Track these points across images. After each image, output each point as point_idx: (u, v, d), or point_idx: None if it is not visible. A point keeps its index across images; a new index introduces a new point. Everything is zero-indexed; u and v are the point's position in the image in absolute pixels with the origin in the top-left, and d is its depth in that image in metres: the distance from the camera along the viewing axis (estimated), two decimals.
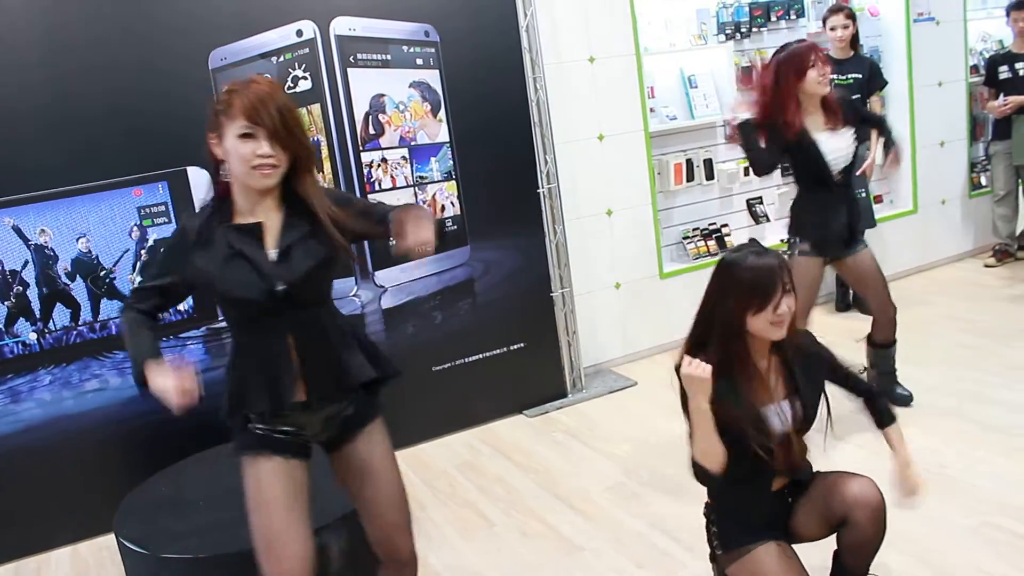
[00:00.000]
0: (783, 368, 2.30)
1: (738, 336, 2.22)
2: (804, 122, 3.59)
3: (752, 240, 2.31)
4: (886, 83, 5.59)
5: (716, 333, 2.23)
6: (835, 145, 3.64)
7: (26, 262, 3.65)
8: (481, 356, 4.54)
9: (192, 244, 2.08)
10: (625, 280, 5.22)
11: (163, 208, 3.80)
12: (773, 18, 5.63)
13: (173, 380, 1.97)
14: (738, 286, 2.18)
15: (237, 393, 2.13)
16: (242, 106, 1.98)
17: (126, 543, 3.01)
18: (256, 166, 1.99)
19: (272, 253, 2.06)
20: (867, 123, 4.16)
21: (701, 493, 2.39)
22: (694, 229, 5.56)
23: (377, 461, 2.26)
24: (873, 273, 3.85)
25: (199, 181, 3.81)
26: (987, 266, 6.36)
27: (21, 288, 3.65)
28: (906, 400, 4.02)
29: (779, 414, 2.25)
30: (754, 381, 2.24)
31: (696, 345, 2.26)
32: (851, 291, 5.61)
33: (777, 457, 2.24)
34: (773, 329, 2.18)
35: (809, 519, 2.36)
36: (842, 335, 4.00)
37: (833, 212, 3.72)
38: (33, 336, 3.70)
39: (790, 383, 2.29)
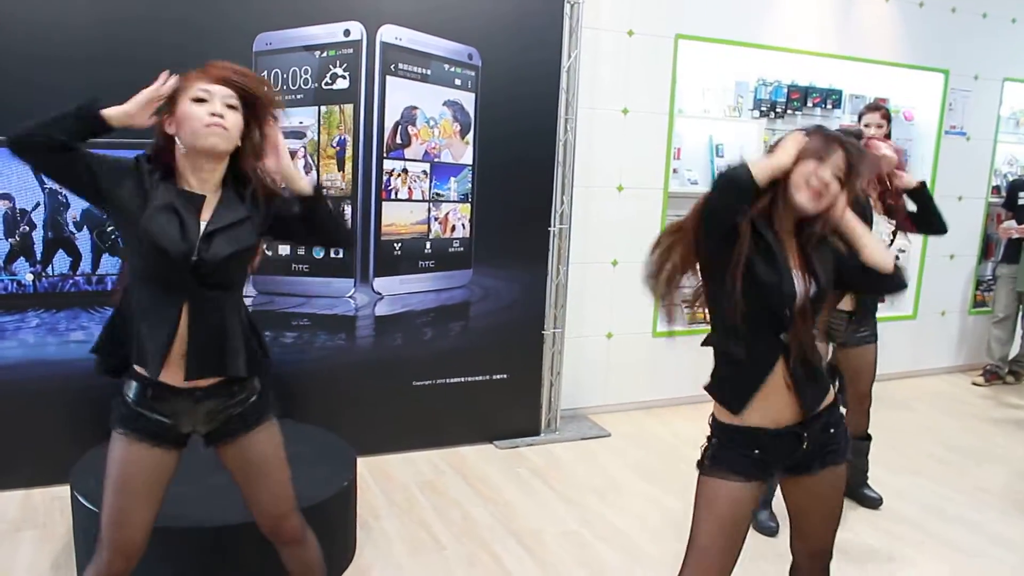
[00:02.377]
0: (800, 249, 2.17)
1: (782, 189, 2.11)
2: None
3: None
4: None
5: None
6: (876, 229, 3.61)
7: (38, 204, 3.69)
8: (463, 379, 4.56)
9: (134, 174, 2.08)
10: (618, 332, 5.25)
11: None
12: (810, 104, 5.71)
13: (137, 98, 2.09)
14: (804, 139, 2.11)
15: (107, 343, 2.17)
16: (200, 75, 2.06)
17: (79, 497, 3.01)
18: (208, 124, 2.02)
19: (202, 226, 2.07)
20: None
21: (650, 557, 2.38)
22: (693, 292, 5.58)
23: (263, 463, 2.27)
24: (869, 368, 3.86)
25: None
26: (975, 384, 6.39)
27: (28, 228, 3.68)
28: (875, 503, 4.03)
29: (797, 280, 2.13)
30: (777, 242, 2.13)
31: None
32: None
33: (795, 324, 2.11)
34: (808, 196, 2.07)
35: (786, 496, 2.32)
36: None
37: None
38: (30, 277, 3.73)
39: (804, 261, 2.16)
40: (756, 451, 2.16)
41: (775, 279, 2.08)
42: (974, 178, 6.46)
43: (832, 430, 2.22)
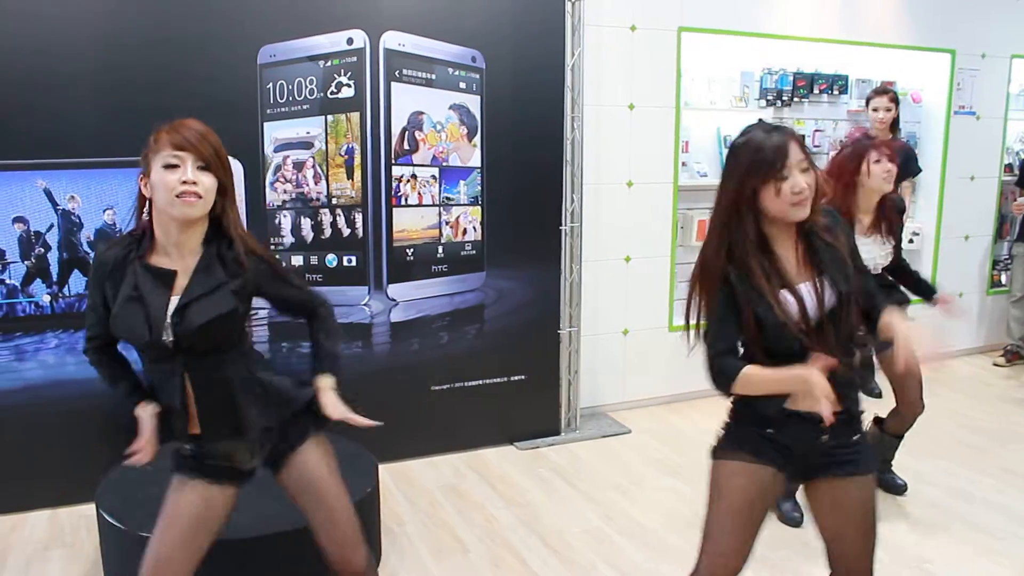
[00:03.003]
0: (808, 252, 2.13)
1: (744, 218, 2.07)
2: (854, 219, 3.52)
3: (760, 120, 2.17)
4: (920, 170, 5.62)
5: (721, 217, 2.10)
6: (870, 253, 3.58)
7: (51, 225, 3.71)
8: (481, 382, 4.56)
9: (107, 275, 2.08)
10: (633, 328, 5.24)
11: None
12: (816, 91, 5.68)
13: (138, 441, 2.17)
14: (745, 164, 2.06)
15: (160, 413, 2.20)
16: (169, 139, 2.01)
17: (105, 515, 3.04)
18: (180, 194, 1.98)
19: (174, 301, 2.05)
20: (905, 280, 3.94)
21: (675, 552, 2.37)
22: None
23: (318, 480, 2.27)
24: (915, 371, 3.65)
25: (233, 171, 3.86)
26: (996, 365, 6.35)
27: (43, 250, 3.71)
28: (900, 489, 4.01)
29: (807, 295, 2.08)
30: (771, 264, 2.08)
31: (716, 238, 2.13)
32: None
33: (811, 341, 2.05)
34: (793, 209, 2.04)
35: (814, 512, 2.25)
36: None
37: None
38: (47, 298, 3.75)
39: (815, 265, 2.11)
40: (770, 430, 2.13)
41: (773, 319, 2.04)
42: (986, 157, 6.41)
43: (857, 436, 2.17)
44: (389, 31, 4.09)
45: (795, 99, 5.63)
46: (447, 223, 4.37)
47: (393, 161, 4.20)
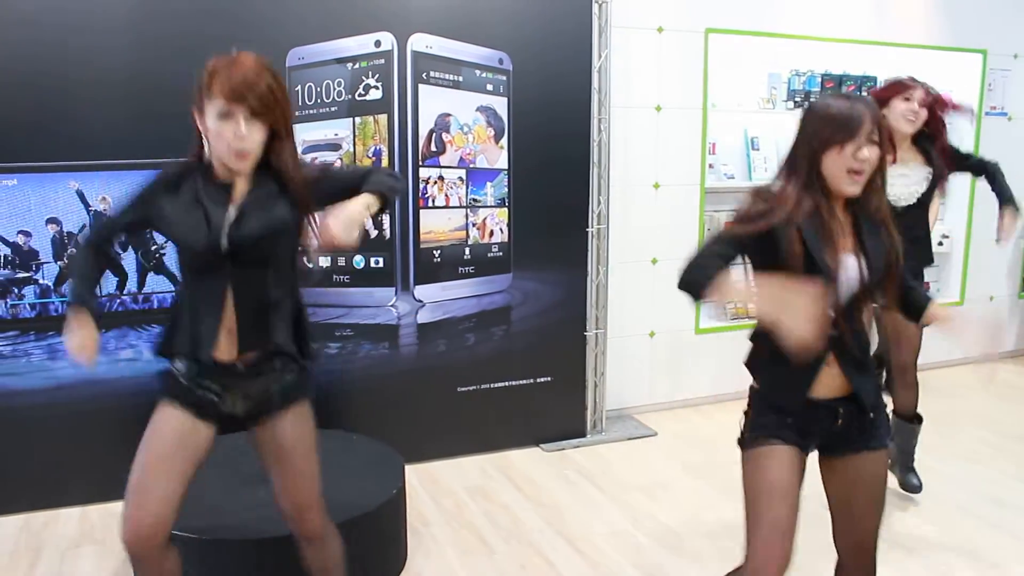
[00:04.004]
0: (853, 228, 2.13)
1: (814, 178, 2.07)
2: None
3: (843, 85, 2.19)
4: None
5: (796, 175, 2.09)
6: (898, 188, 3.55)
7: (83, 226, 3.76)
8: (507, 384, 4.57)
9: (163, 189, 2.18)
10: (660, 330, 5.23)
11: None
12: (844, 91, 5.63)
13: (75, 336, 2.12)
14: (820, 120, 2.06)
15: (167, 332, 2.23)
16: (221, 87, 2.03)
17: None
18: (234, 150, 2.07)
19: (232, 211, 2.13)
20: (972, 169, 3.98)
21: (702, 554, 2.38)
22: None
23: (293, 442, 2.29)
24: (911, 334, 3.72)
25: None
26: None
27: (75, 250, 3.76)
28: (915, 489, 3.95)
29: (845, 268, 2.08)
30: (823, 230, 2.06)
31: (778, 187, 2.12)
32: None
33: (839, 317, 2.07)
34: (849, 179, 2.04)
35: (826, 485, 2.28)
36: None
37: None
38: None
39: (857, 242, 2.11)
40: (789, 419, 2.15)
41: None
42: (1018, 158, 6.29)
43: (872, 414, 2.19)
44: (416, 33, 4.11)
45: None
46: (474, 225, 4.38)
47: (420, 163, 4.21)
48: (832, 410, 2.14)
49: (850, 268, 2.08)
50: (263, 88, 2.05)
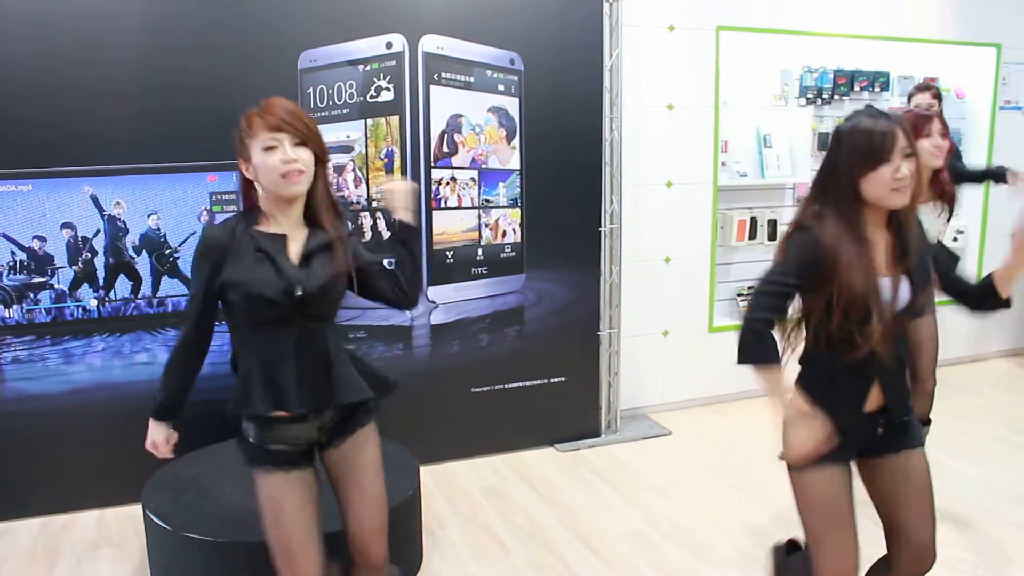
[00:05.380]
0: (895, 245, 2.15)
1: (851, 204, 2.09)
2: None
3: (868, 105, 2.17)
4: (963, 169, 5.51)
5: (831, 202, 2.11)
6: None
7: (98, 231, 3.78)
8: (521, 384, 4.56)
9: (221, 255, 2.16)
10: (674, 329, 5.21)
11: (234, 197, 3.90)
12: (856, 88, 5.62)
13: (151, 437, 2.37)
14: (851, 149, 2.06)
15: (243, 390, 2.21)
16: (263, 123, 2.10)
17: (152, 516, 3.08)
18: (284, 174, 2.10)
19: (295, 258, 2.17)
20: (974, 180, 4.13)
21: (718, 554, 2.37)
22: (749, 287, 5.53)
23: (363, 465, 2.33)
24: (930, 337, 3.73)
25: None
26: None
27: (90, 255, 3.78)
28: None
29: (886, 289, 2.11)
30: (864, 253, 2.08)
31: (813, 216, 2.13)
32: None
33: (874, 334, 2.08)
34: (893, 195, 2.05)
35: (871, 488, 2.31)
36: None
37: None
38: (94, 303, 3.82)
39: (901, 261, 2.14)
40: (840, 437, 2.17)
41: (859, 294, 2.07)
42: None
43: (906, 418, 2.26)
44: (427, 34, 4.11)
45: (835, 97, 5.57)
46: (487, 225, 4.37)
47: (432, 164, 4.21)
48: (874, 421, 2.22)
49: (897, 289, 2.12)
50: (303, 118, 2.14)
